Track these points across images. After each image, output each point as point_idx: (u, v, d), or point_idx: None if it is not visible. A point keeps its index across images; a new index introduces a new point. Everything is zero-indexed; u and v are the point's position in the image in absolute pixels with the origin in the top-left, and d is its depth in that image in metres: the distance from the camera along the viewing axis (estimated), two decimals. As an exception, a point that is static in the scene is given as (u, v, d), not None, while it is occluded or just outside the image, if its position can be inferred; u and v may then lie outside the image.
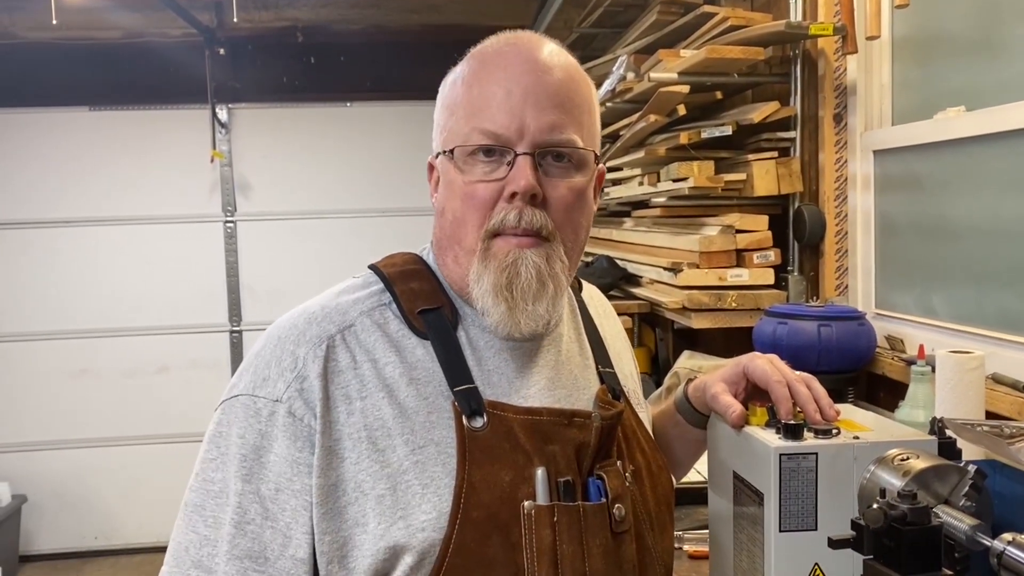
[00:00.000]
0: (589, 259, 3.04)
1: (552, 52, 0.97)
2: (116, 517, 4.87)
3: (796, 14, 2.24)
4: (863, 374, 2.07)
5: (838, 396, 2.00)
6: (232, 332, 4.93)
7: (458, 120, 0.97)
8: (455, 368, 0.94)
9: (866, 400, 2.08)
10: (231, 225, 4.89)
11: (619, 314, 2.63)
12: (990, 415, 1.56)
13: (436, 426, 0.92)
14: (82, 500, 4.84)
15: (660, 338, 2.89)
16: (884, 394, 2.03)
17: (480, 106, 0.94)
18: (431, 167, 1.03)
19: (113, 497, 4.86)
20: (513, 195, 0.93)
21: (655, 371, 2.84)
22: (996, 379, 1.64)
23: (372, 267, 1.03)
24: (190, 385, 4.86)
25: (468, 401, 0.92)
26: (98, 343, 4.83)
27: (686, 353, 2.47)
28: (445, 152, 0.97)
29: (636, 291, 2.65)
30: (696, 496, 1.25)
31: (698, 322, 2.26)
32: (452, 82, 1.00)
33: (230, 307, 4.91)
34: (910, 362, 1.82)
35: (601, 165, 1.03)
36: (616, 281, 2.78)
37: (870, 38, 1.94)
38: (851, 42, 2.06)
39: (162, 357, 4.88)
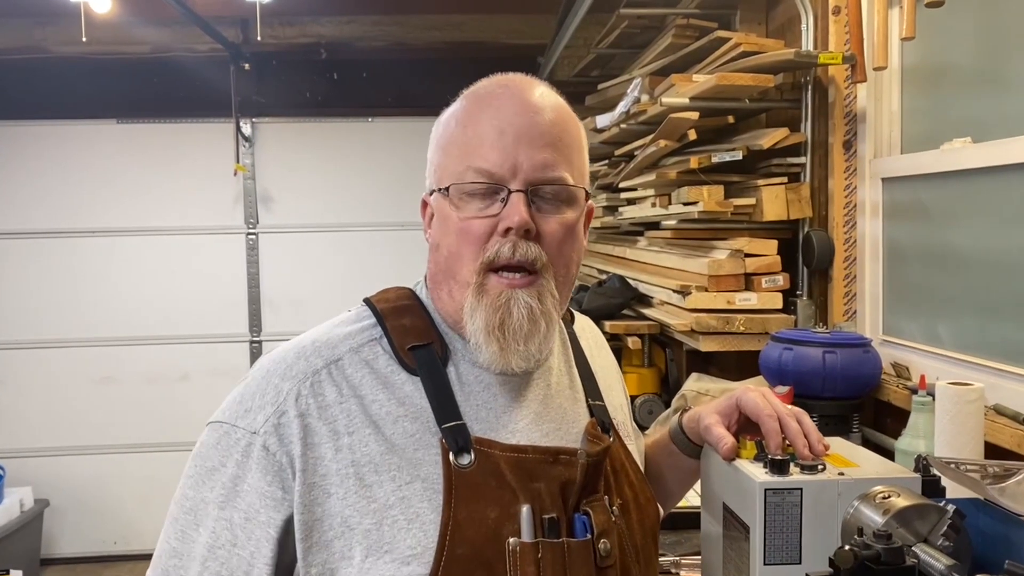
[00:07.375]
0: (603, 277, 3.06)
1: (543, 94, 1.00)
2: (136, 522, 4.94)
3: (807, 42, 2.26)
4: (869, 400, 2.07)
5: (843, 423, 2.02)
6: (252, 342, 5.00)
7: (452, 159, 0.99)
8: (444, 405, 0.96)
9: (872, 427, 2.08)
10: (253, 237, 4.97)
11: (629, 334, 2.67)
12: (990, 447, 1.57)
13: (423, 463, 0.93)
14: (103, 505, 4.93)
15: (671, 358, 2.90)
16: (891, 421, 2.03)
17: (474, 145, 0.97)
18: (424, 204, 1.06)
19: (133, 503, 4.93)
20: (508, 230, 0.95)
21: (665, 391, 2.85)
22: (998, 410, 1.64)
23: (366, 301, 1.05)
24: (210, 393, 4.91)
25: (456, 438, 0.93)
26: (121, 351, 4.92)
27: (694, 375, 2.48)
28: (440, 189, 1.00)
29: (647, 312, 2.67)
30: (695, 520, 1.27)
31: (706, 345, 2.27)
32: (446, 122, 1.02)
33: (251, 317, 4.99)
34: (913, 391, 1.82)
35: (591, 202, 1.06)
36: (628, 301, 2.80)
37: (877, 68, 1.96)
38: (860, 71, 2.07)
39: (183, 365, 4.96)
